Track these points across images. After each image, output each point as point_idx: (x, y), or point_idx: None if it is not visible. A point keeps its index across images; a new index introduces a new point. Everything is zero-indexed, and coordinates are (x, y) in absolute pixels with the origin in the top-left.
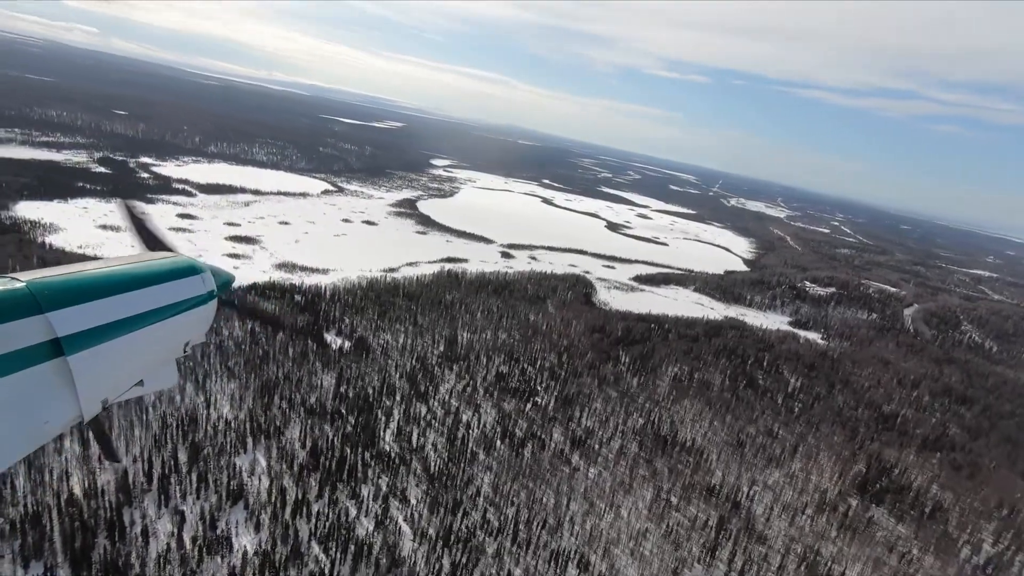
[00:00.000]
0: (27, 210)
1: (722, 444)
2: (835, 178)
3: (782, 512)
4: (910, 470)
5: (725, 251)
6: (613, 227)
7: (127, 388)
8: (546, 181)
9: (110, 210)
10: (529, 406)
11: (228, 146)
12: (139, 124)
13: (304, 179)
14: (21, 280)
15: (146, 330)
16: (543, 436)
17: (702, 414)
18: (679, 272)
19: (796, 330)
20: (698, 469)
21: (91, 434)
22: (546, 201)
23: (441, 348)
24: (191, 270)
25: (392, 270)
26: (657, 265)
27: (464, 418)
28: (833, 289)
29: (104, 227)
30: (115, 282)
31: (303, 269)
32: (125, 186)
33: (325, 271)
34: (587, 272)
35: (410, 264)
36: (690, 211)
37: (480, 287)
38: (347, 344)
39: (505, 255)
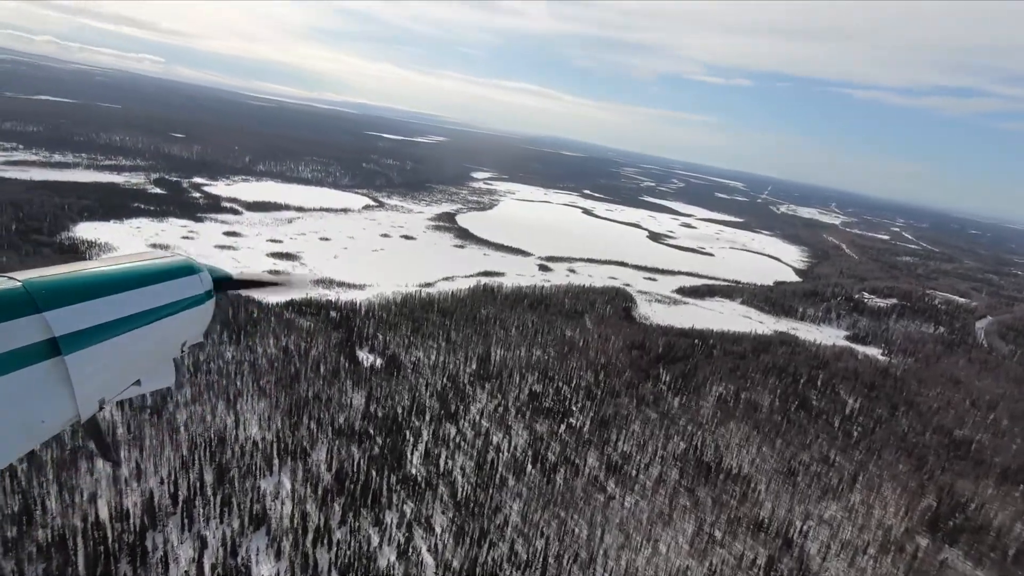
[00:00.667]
0: (86, 230)
1: (772, 472)
2: (893, 181)
3: (840, 551)
4: (989, 505)
5: (775, 261)
6: (655, 237)
7: (124, 388)
8: (587, 191)
9: (161, 229)
10: (563, 428)
11: (275, 164)
12: (194, 146)
13: (346, 195)
14: (18, 279)
15: (143, 329)
16: (577, 461)
17: (749, 439)
18: (725, 284)
19: (854, 345)
20: (745, 500)
21: (87, 433)
22: (586, 212)
23: (473, 366)
24: (188, 270)
25: (428, 285)
26: (702, 276)
27: (494, 440)
28: (894, 300)
29: (155, 245)
30: (112, 281)
31: (340, 285)
32: (177, 206)
33: (362, 287)
34: (627, 285)
35: (446, 279)
36: (737, 219)
37: (516, 302)
38: (379, 361)
39: (543, 268)
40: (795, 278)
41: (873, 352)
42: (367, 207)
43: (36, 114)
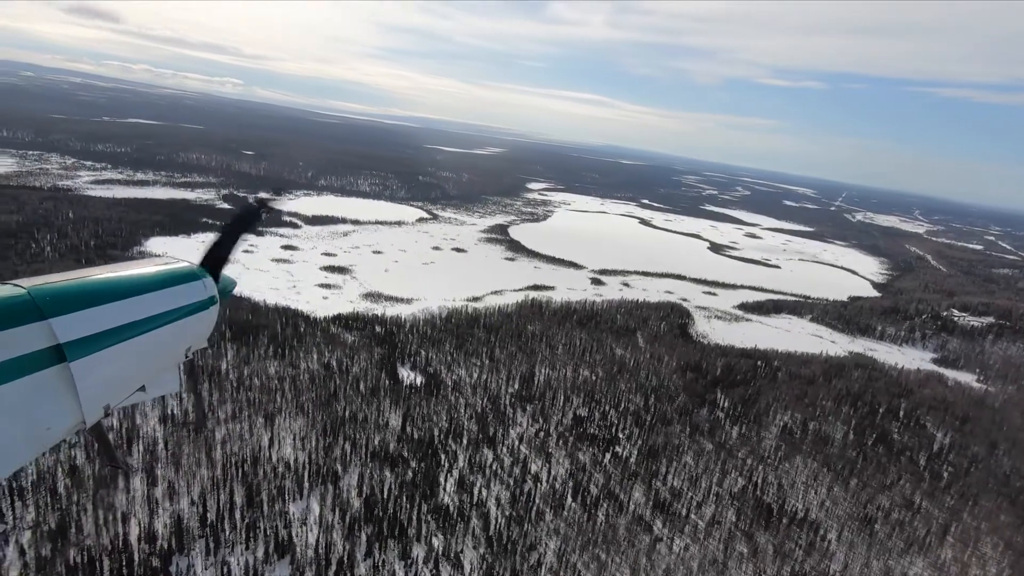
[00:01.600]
0: (156, 245)
1: (844, 518)
2: (985, 186)
3: None
4: None
5: (849, 273)
6: (717, 248)
7: (129, 394)
8: (645, 201)
9: None
10: (608, 457)
11: (336, 179)
12: (262, 162)
13: (402, 207)
14: (23, 286)
15: (148, 336)
16: (621, 495)
17: (818, 477)
18: (793, 299)
19: (942, 370)
20: (812, 550)
21: (94, 440)
22: (643, 222)
23: (516, 386)
24: (192, 276)
25: (476, 299)
26: (767, 291)
27: (533, 468)
28: (991, 319)
29: None
30: (116, 288)
31: (388, 299)
32: None
33: (409, 300)
34: (684, 300)
35: (495, 292)
36: (807, 228)
37: (564, 317)
38: (420, 379)
39: (595, 282)
40: (873, 293)
41: (966, 378)
42: (421, 219)
43: (126, 136)
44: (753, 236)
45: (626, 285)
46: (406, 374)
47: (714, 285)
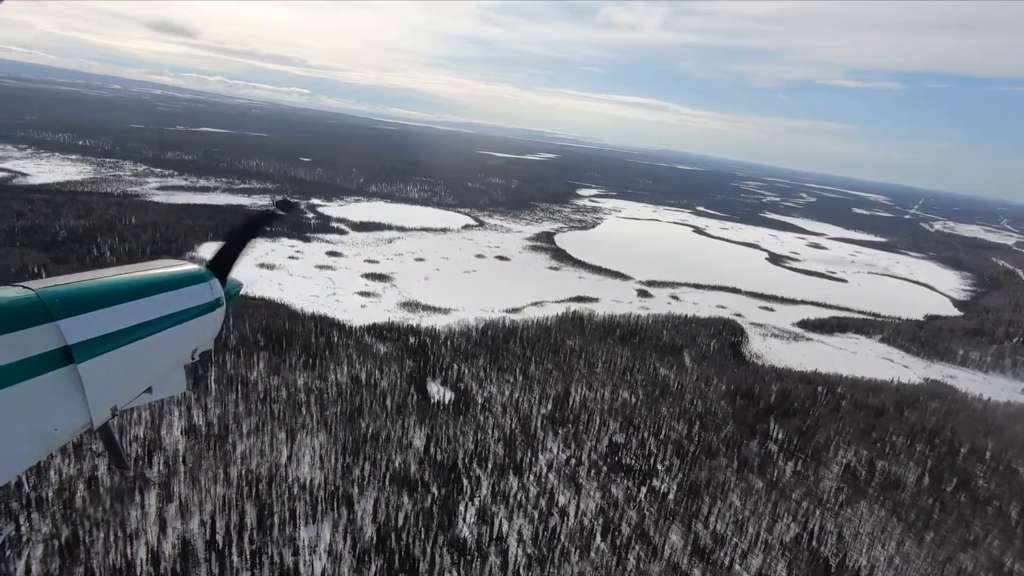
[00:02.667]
0: (205, 250)
1: None
2: None
3: None
4: None
5: (926, 289)
6: (776, 260)
7: (136, 395)
8: (700, 208)
9: (272, 249)
10: (644, 492)
11: (387, 185)
12: (317, 169)
13: (448, 214)
14: (32, 288)
15: (155, 337)
16: (656, 537)
17: (887, 528)
18: (861, 316)
19: None
20: None
21: (101, 440)
22: (697, 231)
23: (548, 407)
24: (198, 277)
25: (515, 310)
26: (831, 307)
27: (560, 501)
28: None
29: (262, 265)
30: (124, 290)
31: (426, 308)
32: (291, 226)
33: (447, 311)
34: (738, 315)
35: (535, 304)
36: (878, 239)
37: (606, 332)
38: (449, 396)
39: (642, 294)
40: (953, 311)
41: None
42: (466, 226)
43: (195, 144)
44: (817, 246)
45: (675, 298)
46: (436, 389)
47: (772, 300)
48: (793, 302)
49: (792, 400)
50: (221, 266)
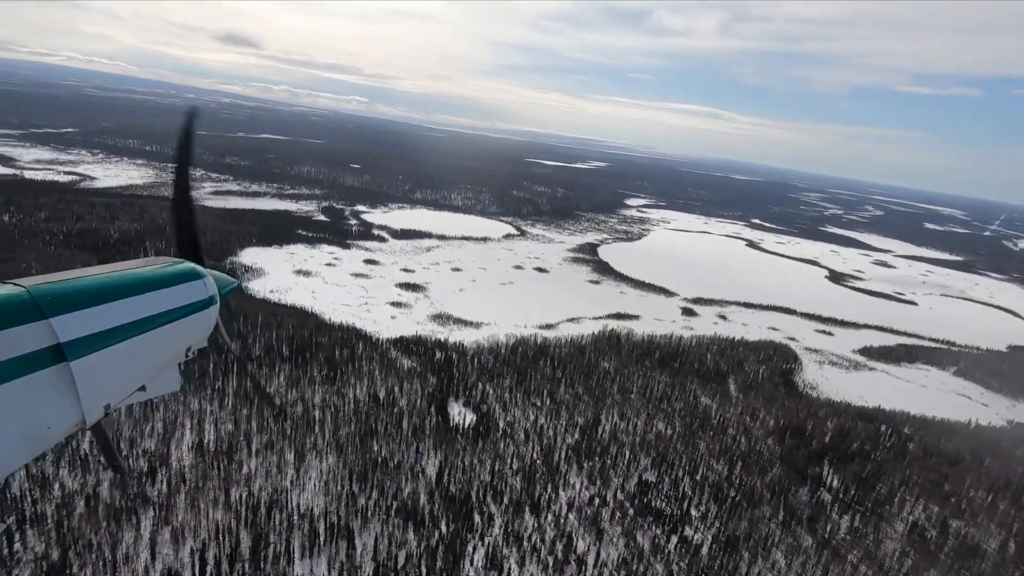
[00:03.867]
0: (248, 255)
1: None
2: None
3: None
4: None
5: (1009, 315)
6: (837, 278)
7: (130, 393)
8: (755, 221)
9: (310, 255)
10: (674, 541)
11: (431, 192)
12: (365, 175)
13: (491, 223)
14: (23, 285)
15: (148, 335)
16: None
17: None
18: (932, 344)
19: None
20: None
21: (94, 440)
22: (751, 244)
23: (575, 436)
24: (192, 275)
25: (549, 326)
26: (898, 333)
27: (580, 546)
28: None
29: (299, 272)
30: (117, 287)
31: (457, 322)
32: (333, 233)
33: (478, 324)
34: (792, 339)
35: (571, 320)
36: (953, 257)
37: (645, 354)
38: (469, 418)
39: (687, 312)
40: None
41: None
42: (508, 236)
43: (252, 150)
44: (883, 264)
45: (722, 318)
46: (457, 410)
47: (830, 322)
48: (855, 326)
49: (850, 441)
50: (191, 250)
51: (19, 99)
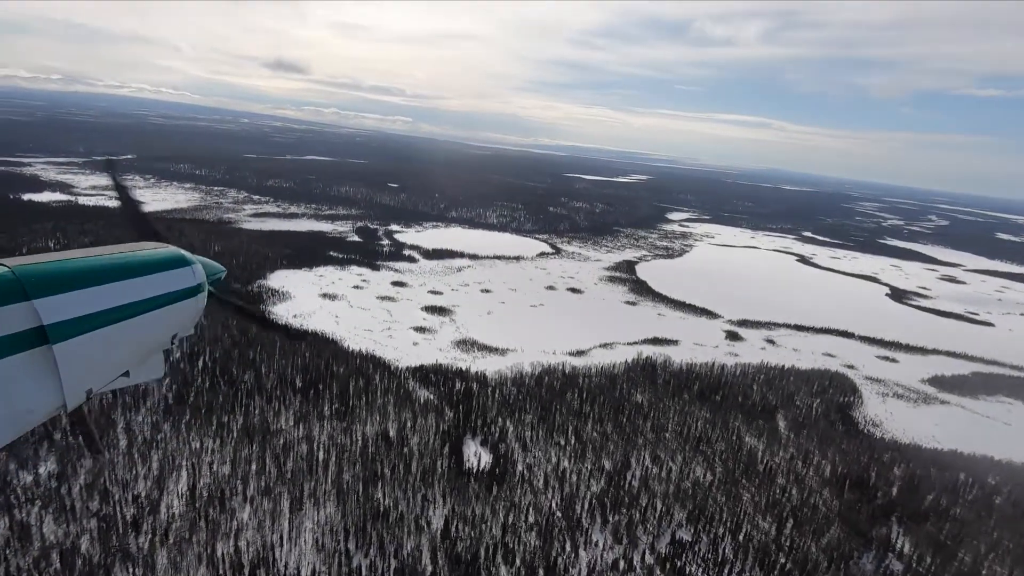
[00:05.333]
0: (277, 278)
1: None
2: None
3: None
4: None
5: None
6: (900, 296)
7: (113, 378)
8: (807, 234)
9: (339, 277)
10: None
11: (467, 210)
12: (401, 195)
13: (526, 241)
14: (7, 265)
15: (133, 321)
16: None
17: None
18: (1015, 373)
19: None
20: None
21: (74, 423)
22: (802, 260)
23: (601, 483)
24: (180, 261)
25: (579, 353)
26: (973, 359)
27: None
28: None
29: (325, 295)
30: (103, 271)
31: (481, 348)
32: (364, 254)
33: (503, 351)
34: (850, 367)
35: (604, 345)
36: None
37: (682, 385)
38: (485, 460)
39: (731, 336)
40: None
41: None
42: (542, 254)
43: (295, 171)
44: (952, 280)
45: (771, 342)
46: (472, 450)
47: (894, 347)
48: (922, 351)
49: (923, 494)
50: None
51: (90, 129)
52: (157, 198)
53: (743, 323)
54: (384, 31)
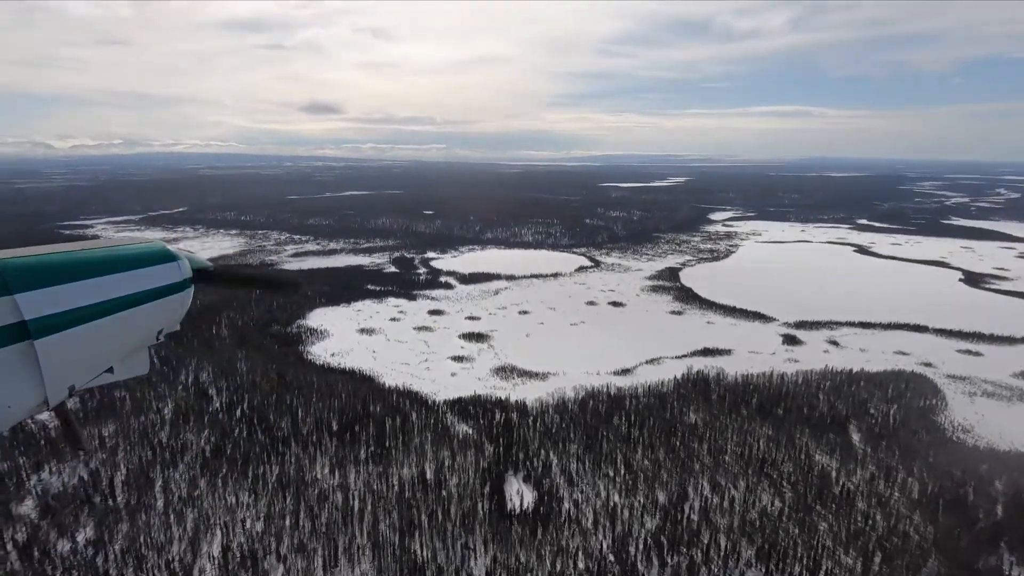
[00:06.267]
0: (315, 317)
1: None
2: None
3: None
4: None
5: None
6: (975, 280)
7: (96, 375)
8: (861, 221)
9: (376, 311)
10: None
11: (502, 231)
12: (437, 221)
13: (563, 256)
14: None
15: (118, 316)
16: None
17: None
18: None
19: None
20: None
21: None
22: (861, 250)
23: (656, 519)
24: (166, 256)
25: (625, 372)
26: None
27: None
28: None
29: (362, 330)
30: (87, 265)
31: (521, 374)
32: (400, 284)
33: (544, 376)
34: (927, 365)
35: (650, 361)
36: None
37: (739, 400)
38: (529, 499)
39: (789, 340)
40: None
41: None
42: (580, 268)
43: (334, 208)
44: None
45: (834, 344)
46: (515, 488)
47: (975, 338)
48: (1009, 341)
49: None
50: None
51: (147, 188)
52: (205, 247)
53: (801, 325)
54: (410, 66)
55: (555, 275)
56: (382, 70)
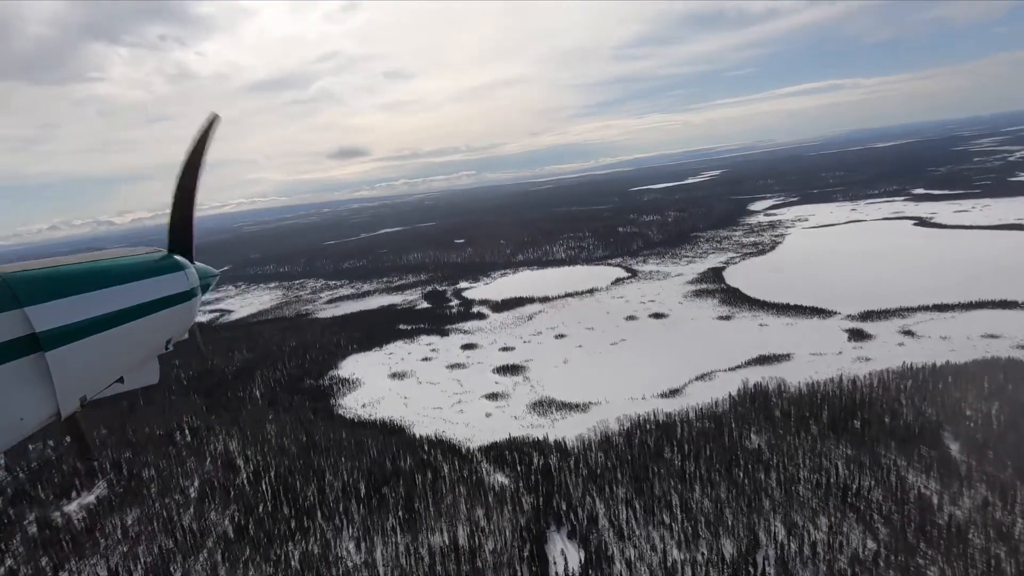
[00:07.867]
0: (347, 366)
1: None
2: None
3: None
4: None
5: None
6: None
7: (107, 385)
8: (917, 191)
9: (408, 352)
10: None
11: (534, 251)
12: (468, 250)
13: (598, 269)
14: None
15: (127, 327)
16: None
17: None
18: None
19: None
20: None
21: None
22: (921, 222)
23: (726, 575)
24: (174, 266)
25: (672, 393)
26: None
27: None
28: None
29: (394, 375)
30: (96, 277)
31: (560, 407)
32: (432, 320)
33: (585, 407)
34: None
35: (701, 377)
36: None
37: (807, 414)
38: (576, 558)
39: (855, 335)
40: None
41: None
42: (617, 280)
43: (368, 249)
44: None
45: (908, 334)
46: (558, 547)
47: None
48: None
49: None
50: (182, 245)
51: (196, 252)
52: (244, 304)
53: (867, 316)
54: (431, 100)
55: (591, 291)
56: (404, 108)
